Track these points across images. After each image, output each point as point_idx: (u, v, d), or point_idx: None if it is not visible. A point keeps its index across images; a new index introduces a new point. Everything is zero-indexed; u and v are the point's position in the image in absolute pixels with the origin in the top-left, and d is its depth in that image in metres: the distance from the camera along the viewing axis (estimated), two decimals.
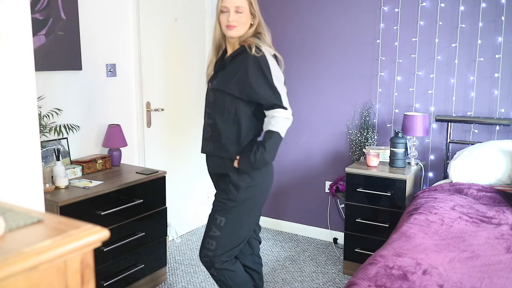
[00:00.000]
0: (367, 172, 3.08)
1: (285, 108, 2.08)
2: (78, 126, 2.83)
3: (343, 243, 3.40)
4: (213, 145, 2.17)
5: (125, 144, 3.14)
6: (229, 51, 2.21)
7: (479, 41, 3.11)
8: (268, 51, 2.11)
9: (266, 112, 2.11)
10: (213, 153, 2.19)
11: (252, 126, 2.16)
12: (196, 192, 3.97)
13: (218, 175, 2.24)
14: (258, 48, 2.07)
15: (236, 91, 2.09)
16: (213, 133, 2.16)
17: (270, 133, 2.06)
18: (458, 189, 2.82)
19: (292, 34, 3.76)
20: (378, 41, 3.44)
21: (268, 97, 2.07)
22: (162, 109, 3.45)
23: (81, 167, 2.82)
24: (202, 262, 2.21)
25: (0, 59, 1.36)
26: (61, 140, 2.84)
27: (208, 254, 2.16)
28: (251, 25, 2.16)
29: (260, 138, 2.18)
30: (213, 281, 3.08)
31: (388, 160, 3.20)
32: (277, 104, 2.07)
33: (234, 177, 2.13)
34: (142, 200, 2.76)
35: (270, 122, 2.07)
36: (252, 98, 2.08)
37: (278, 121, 2.06)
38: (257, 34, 2.17)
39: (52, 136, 2.76)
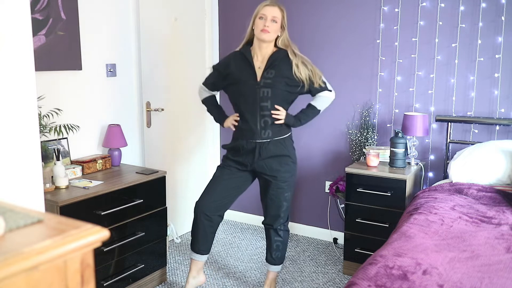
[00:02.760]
0: (367, 172, 3.08)
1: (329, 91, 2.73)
2: (78, 126, 2.83)
3: (343, 243, 3.40)
4: (272, 130, 2.60)
5: (125, 144, 3.14)
6: (261, 55, 2.62)
7: (479, 41, 3.11)
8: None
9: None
10: (273, 136, 2.61)
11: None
12: (196, 192, 3.97)
13: (277, 156, 2.64)
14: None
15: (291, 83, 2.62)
16: (273, 120, 2.60)
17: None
18: (458, 189, 2.82)
19: (292, 35, 3.75)
20: (378, 41, 3.44)
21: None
22: (162, 109, 3.45)
23: (81, 167, 2.82)
24: (276, 229, 2.74)
25: (0, 59, 1.36)
26: (61, 140, 2.84)
27: (281, 222, 2.73)
28: (278, 36, 2.61)
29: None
30: (212, 281, 3.09)
31: (388, 160, 3.20)
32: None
33: (291, 154, 2.68)
34: (142, 200, 2.76)
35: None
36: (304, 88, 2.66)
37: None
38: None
39: (52, 136, 2.76)
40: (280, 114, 2.59)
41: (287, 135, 2.68)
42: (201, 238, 2.74)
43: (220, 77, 2.73)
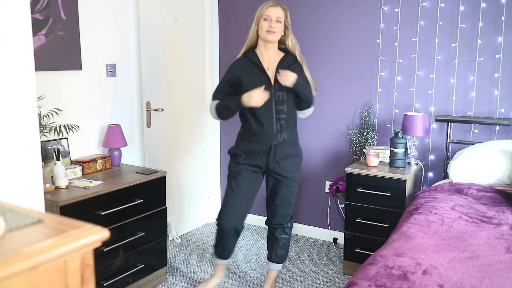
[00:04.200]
0: (367, 172, 3.08)
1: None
2: (78, 126, 2.83)
3: (343, 243, 3.40)
4: (287, 132, 2.65)
5: (125, 144, 3.14)
6: (267, 55, 2.64)
7: (479, 41, 3.11)
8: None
9: None
10: (288, 139, 2.66)
11: None
12: (196, 192, 3.97)
13: (290, 156, 2.69)
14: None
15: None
16: (288, 122, 2.65)
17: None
18: (458, 189, 2.82)
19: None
20: (378, 41, 3.44)
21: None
22: (162, 109, 3.45)
23: (81, 167, 2.82)
24: (284, 227, 2.79)
25: (0, 59, 1.36)
26: (61, 140, 2.85)
27: (288, 219, 2.80)
28: (285, 37, 2.64)
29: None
30: None
31: (388, 160, 3.20)
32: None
33: (299, 152, 2.75)
34: (142, 200, 2.76)
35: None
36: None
37: None
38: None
39: (52, 136, 2.76)
40: (289, 76, 2.48)
41: (297, 134, 2.75)
42: (228, 249, 2.82)
43: (232, 87, 2.65)
